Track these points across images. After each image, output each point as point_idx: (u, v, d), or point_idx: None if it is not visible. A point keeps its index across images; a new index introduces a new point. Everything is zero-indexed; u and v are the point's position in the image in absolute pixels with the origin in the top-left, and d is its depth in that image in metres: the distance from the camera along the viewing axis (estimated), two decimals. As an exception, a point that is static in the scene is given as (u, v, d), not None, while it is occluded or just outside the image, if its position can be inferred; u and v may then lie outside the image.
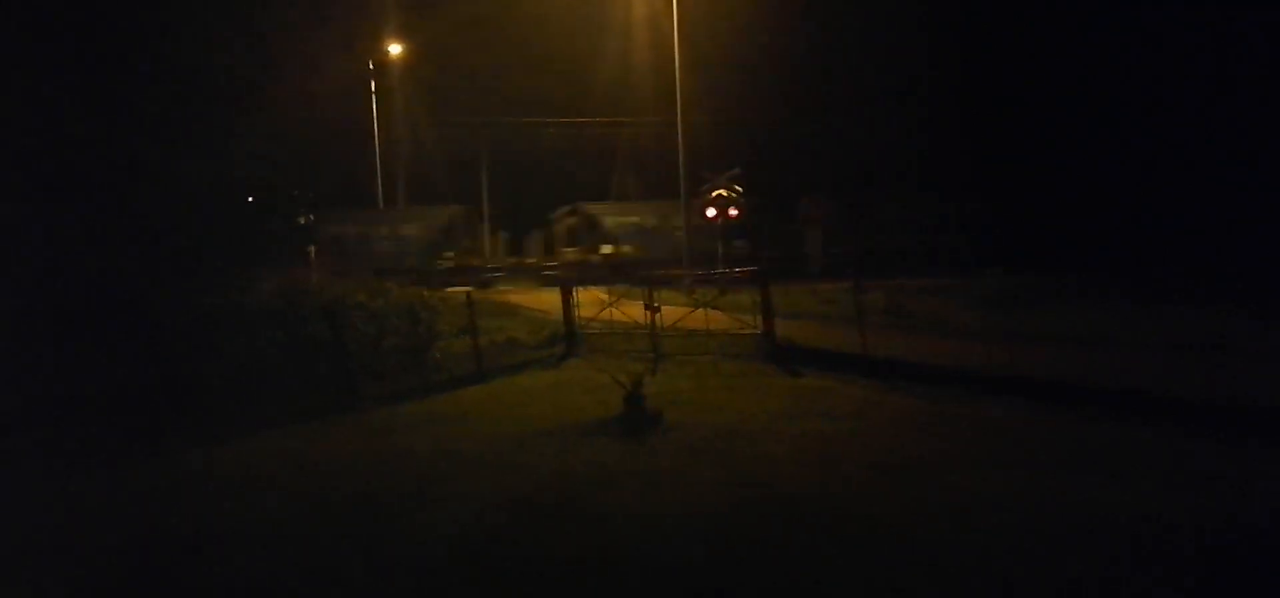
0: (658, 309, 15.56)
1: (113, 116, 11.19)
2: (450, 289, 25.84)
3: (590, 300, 17.61)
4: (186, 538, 6.60)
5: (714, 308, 16.55)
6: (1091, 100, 42.41)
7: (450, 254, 46.07)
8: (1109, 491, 6.76)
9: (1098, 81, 42.28)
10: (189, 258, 11.99)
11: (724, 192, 36.67)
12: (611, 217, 47.63)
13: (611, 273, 31.35)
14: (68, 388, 10.35)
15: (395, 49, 48.92)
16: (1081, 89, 43.15)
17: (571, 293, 16.98)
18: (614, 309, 17.20)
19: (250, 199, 14.40)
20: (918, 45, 48.33)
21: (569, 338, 16.38)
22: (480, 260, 47.50)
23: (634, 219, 46.85)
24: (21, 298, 10.43)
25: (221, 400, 10.84)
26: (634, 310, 16.61)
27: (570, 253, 46.52)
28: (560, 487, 7.47)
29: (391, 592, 5.45)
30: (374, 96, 48.43)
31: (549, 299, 22.26)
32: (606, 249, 45.08)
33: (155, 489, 8.11)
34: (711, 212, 35.97)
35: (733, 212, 36.39)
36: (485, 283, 39.39)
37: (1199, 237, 30.23)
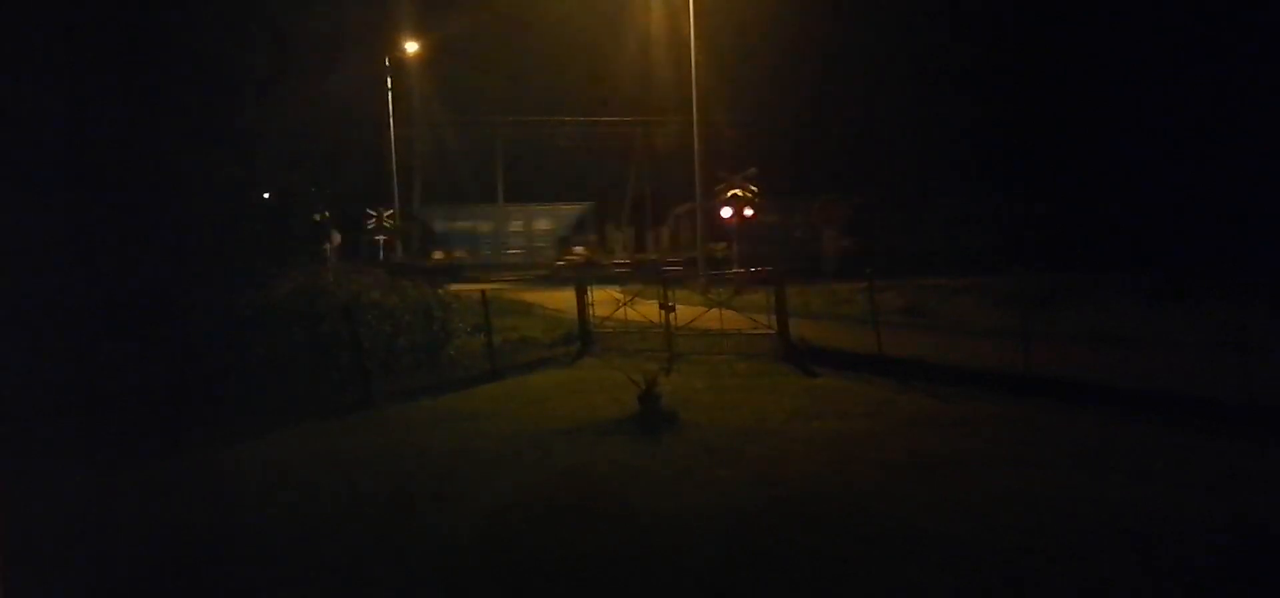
0: (673, 308, 15.54)
1: (137, 113, 11.26)
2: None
3: (605, 299, 17.60)
4: (209, 534, 6.64)
5: (729, 308, 16.51)
6: (1114, 97, 42.11)
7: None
8: (1130, 491, 6.72)
9: (1120, 78, 41.97)
10: (212, 256, 12.04)
11: (739, 191, 36.62)
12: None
13: None
14: (92, 384, 10.41)
15: (412, 47, 49.01)
16: (1104, 86, 42.86)
17: (586, 292, 16.98)
18: (629, 308, 17.19)
19: (266, 195, 14.45)
20: (936, 45, 48.18)
21: (583, 337, 16.38)
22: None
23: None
24: (47, 294, 10.49)
25: (242, 397, 10.89)
26: (648, 310, 16.59)
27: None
28: (578, 486, 7.47)
29: (414, 589, 5.45)
30: (390, 94, 48.58)
31: (563, 297, 22.27)
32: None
33: (177, 486, 8.16)
34: (726, 211, 35.92)
35: (748, 212, 36.33)
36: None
37: (1225, 234, 29.98)
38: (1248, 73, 36.38)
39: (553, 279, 38.68)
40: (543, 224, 47.56)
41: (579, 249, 45.63)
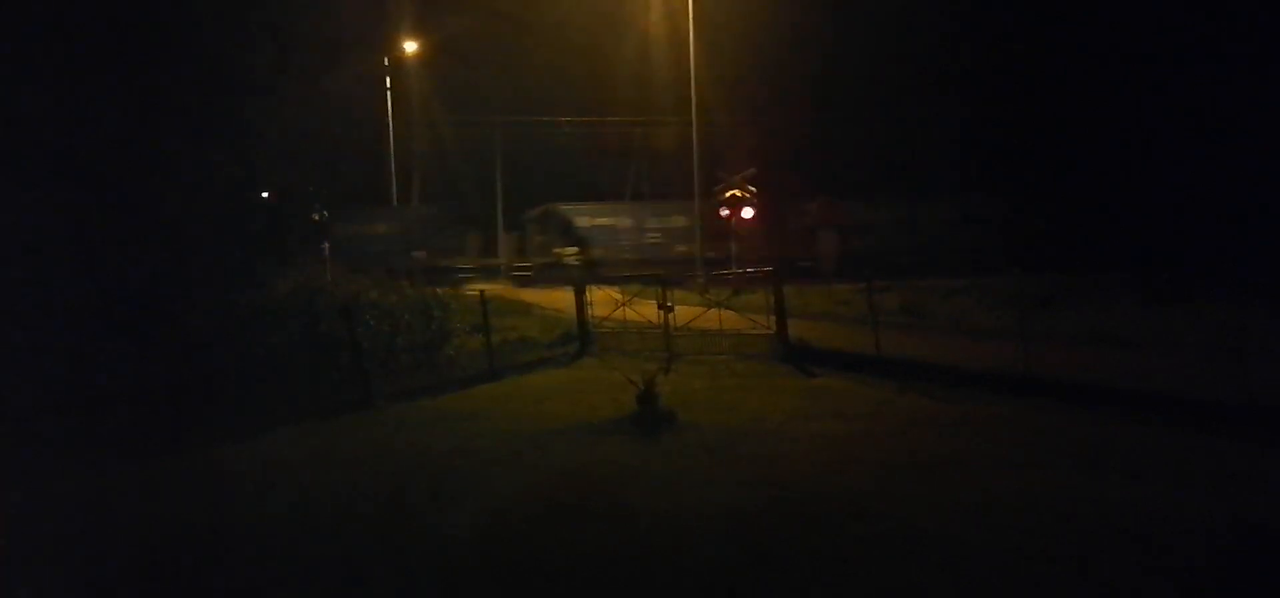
0: (671, 309, 15.55)
1: (137, 112, 11.25)
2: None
3: (604, 300, 17.60)
4: (207, 534, 6.64)
5: (727, 308, 16.51)
6: (1114, 98, 42.13)
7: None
8: (1129, 491, 6.73)
9: (1120, 79, 42.00)
10: (211, 254, 12.04)
11: (738, 192, 36.63)
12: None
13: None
14: (90, 382, 10.41)
15: (411, 46, 48.95)
16: (1103, 87, 42.89)
17: (584, 292, 16.99)
18: (627, 308, 17.19)
19: (265, 195, 14.44)
20: (934, 46, 48.18)
21: (582, 337, 16.38)
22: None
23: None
24: (45, 292, 10.49)
25: (240, 397, 10.88)
26: (647, 310, 16.60)
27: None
28: (577, 485, 7.47)
29: (413, 589, 5.45)
30: (389, 93, 48.55)
31: (562, 298, 22.27)
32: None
33: (175, 485, 8.15)
34: (725, 211, 35.93)
35: (747, 212, 36.34)
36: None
37: (1224, 235, 29.97)
38: (1246, 73, 36.39)
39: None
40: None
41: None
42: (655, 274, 20.31)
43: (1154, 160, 38.91)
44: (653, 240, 43.88)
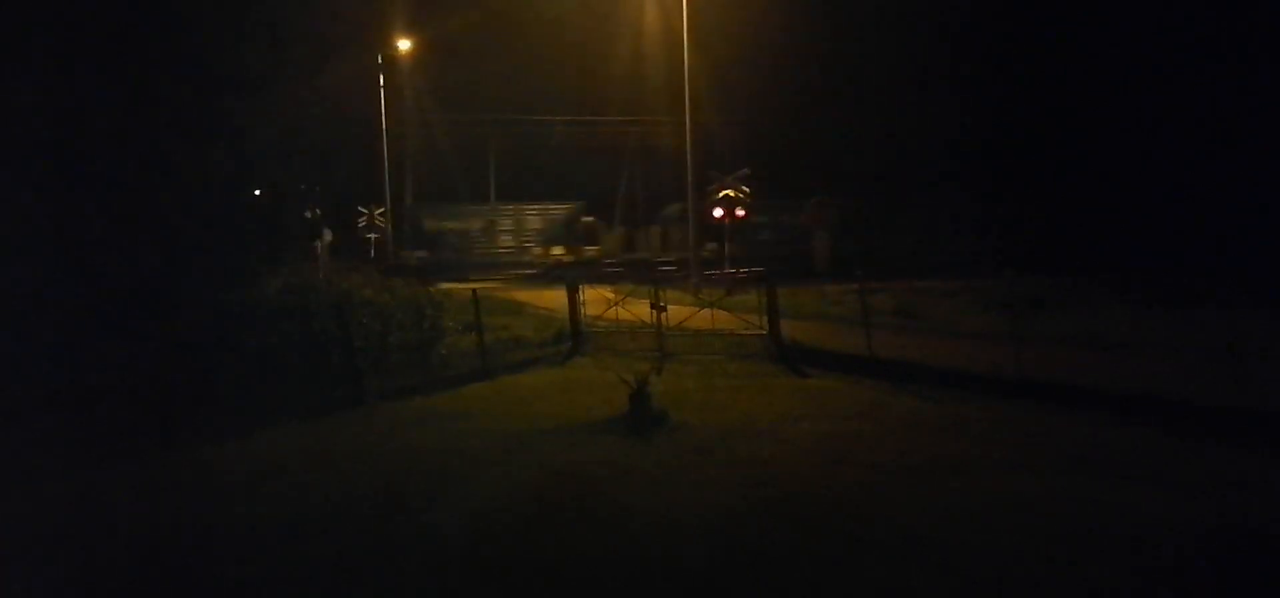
0: (664, 308, 15.54)
1: (129, 109, 11.22)
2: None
3: (596, 299, 17.59)
4: (199, 532, 6.63)
5: (720, 308, 16.51)
6: (1108, 102, 42.23)
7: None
8: (1122, 495, 6.74)
9: (1115, 82, 42.11)
10: (203, 252, 12.01)
11: (731, 192, 36.64)
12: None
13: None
14: (82, 379, 10.38)
15: (404, 45, 48.87)
16: (1098, 90, 42.99)
17: (577, 291, 16.97)
18: (619, 308, 17.18)
19: (258, 192, 14.41)
20: (928, 48, 48.27)
21: (575, 336, 16.36)
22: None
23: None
24: (37, 289, 10.46)
25: (233, 395, 10.85)
26: (640, 309, 16.59)
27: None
28: (568, 485, 7.47)
29: (404, 588, 5.44)
30: (382, 91, 48.43)
31: (555, 297, 22.25)
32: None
33: (167, 483, 8.14)
34: (718, 212, 35.93)
35: (739, 212, 36.35)
36: None
37: (1217, 239, 30.06)
38: (1241, 77, 36.51)
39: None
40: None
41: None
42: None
43: (1149, 164, 38.99)
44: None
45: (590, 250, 45.38)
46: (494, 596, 5.33)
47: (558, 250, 44.34)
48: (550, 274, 36.29)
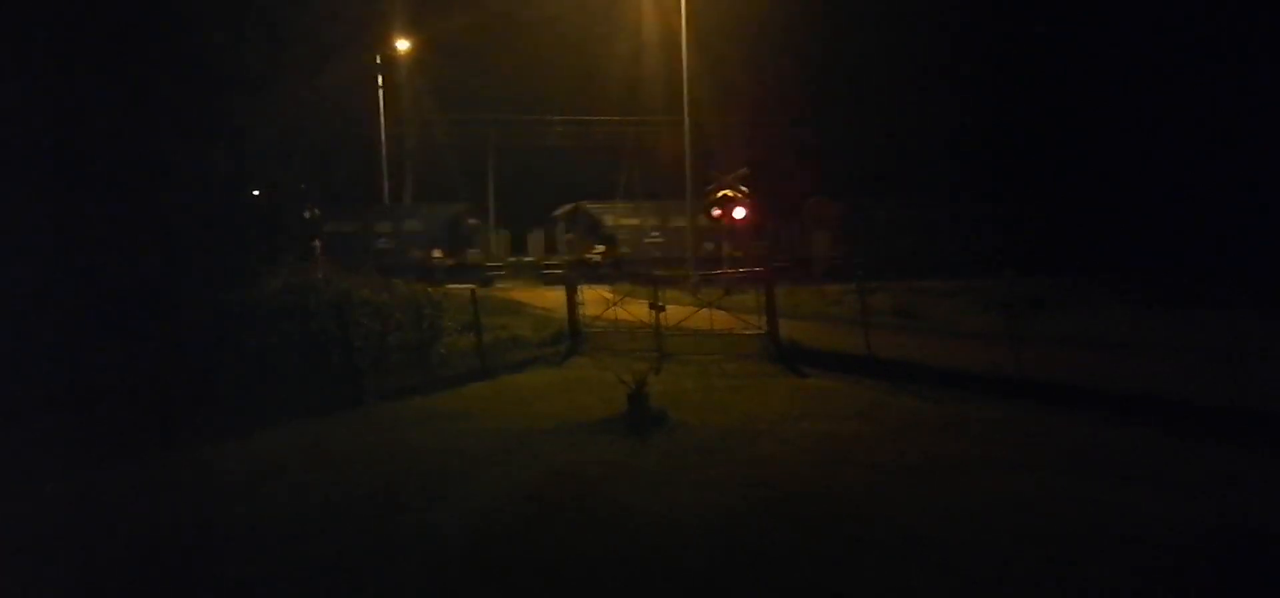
0: (662, 308, 15.54)
1: (128, 108, 11.22)
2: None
3: (595, 299, 17.59)
4: (199, 531, 6.63)
5: (719, 308, 16.51)
6: (1108, 103, 42.25)
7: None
8: (1121, 494, 6.75)
9: (1114, 83, 42.12)
10: (202, 251, 12.01)
11: (730, 192, 36.59)
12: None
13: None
14: (81, 379, 10.38)
15: (403, 45, 48.86)
16: (1097, 91, 43.01)
17: (576, 291, 16.97)
18: (618, 308, 17.18)
19: (256, 193, 14.40)
20: (928, 48, 48.27)
21: (573, 336, 16.36)
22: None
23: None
24: (36, 289, 10.46)
25: (232, 395, 10.86)
26: (638, 309, 16.59)
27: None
28: (567, 485, 7.47)
29: (403, 588, 5.45)
30: (381, 92, 48.42)
31: (553, 297, 22.26)
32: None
33: (167, 482, 8.14)
34: (716, 212, 35.89)
35: (738, 212, 36.31)
36: None
37: (1217, 239, 30.08)
38: (1240, 79, 36.53)
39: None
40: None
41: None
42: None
43: (1149, 164, 39.01)
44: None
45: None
46: (493, 596, 5.33)
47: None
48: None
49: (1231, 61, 37.26)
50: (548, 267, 42.54)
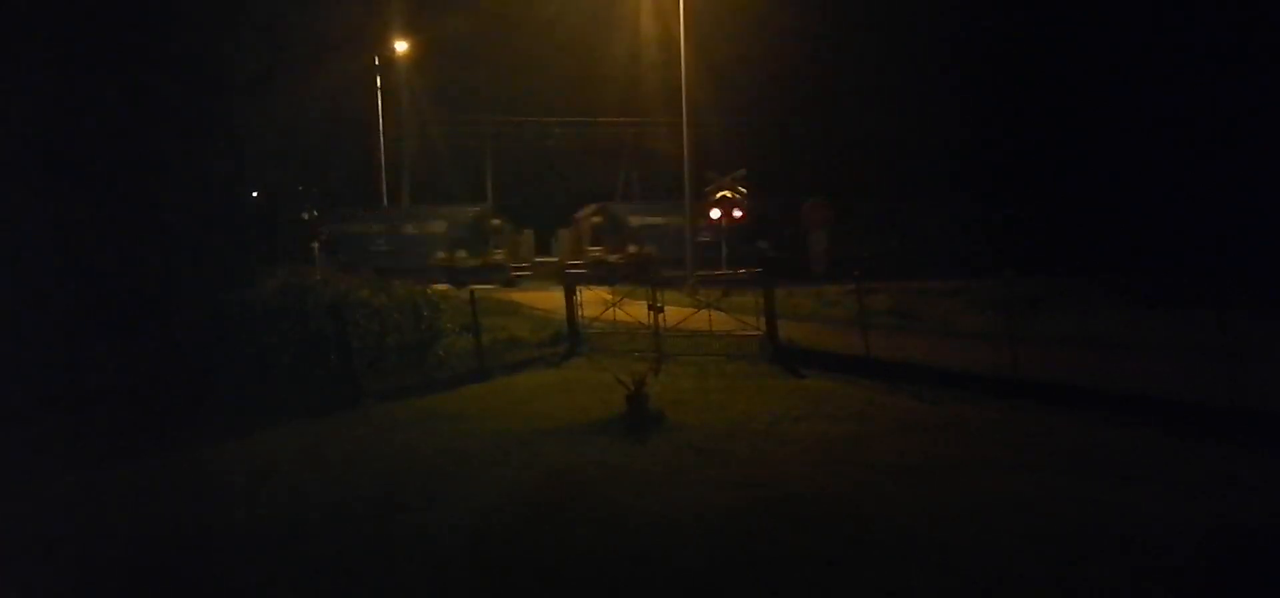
0: (661, 309, 15.53)
1: (125, 109, 11.21)
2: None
3: (593, 300, 17.58)
4: (195, 533, 6.62)
5: (717, 309, 16.50)
6: (1104, 102, 42.25)
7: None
8: (1118, 494, 6.74)
9: (1111, 83, 42.12)
10: (200, 253, 12.00)
11: (729, 193, 36.61)
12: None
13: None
14: (78, 380, 10.38)
15: (401, 46, 48.84)
16: (1094, 90, 43.00)
17: (574, 292, 16.96)
18: (617, 309, 17.17)
19: (255, 194, 14.40)
20: (926, 48, 48.25)
21: (572, 337, 16.35)
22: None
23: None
24: (33, 290, 10.45)
25: (229, 395, 10.85)
26: (637, 311, 16.58)
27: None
28: (565, 485, 7.46)
29: (401, 589, 5.44)
30: (380, 93, 48.45)
31: (552, 298, 22.25)
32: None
33: (164, 484, 8.12)
34: (715, 212, 35.91)
35: (737, 213, 36.33)
36: None
37: (1216, 239, 30.06)
38: (1237, 78, 36.54)
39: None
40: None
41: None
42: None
43: (1148, 164, 39.00)
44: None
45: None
46: (492, 597, 5.32)
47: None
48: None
49: (1231, 61, 37.28)
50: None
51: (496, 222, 46.31)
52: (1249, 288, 19.41)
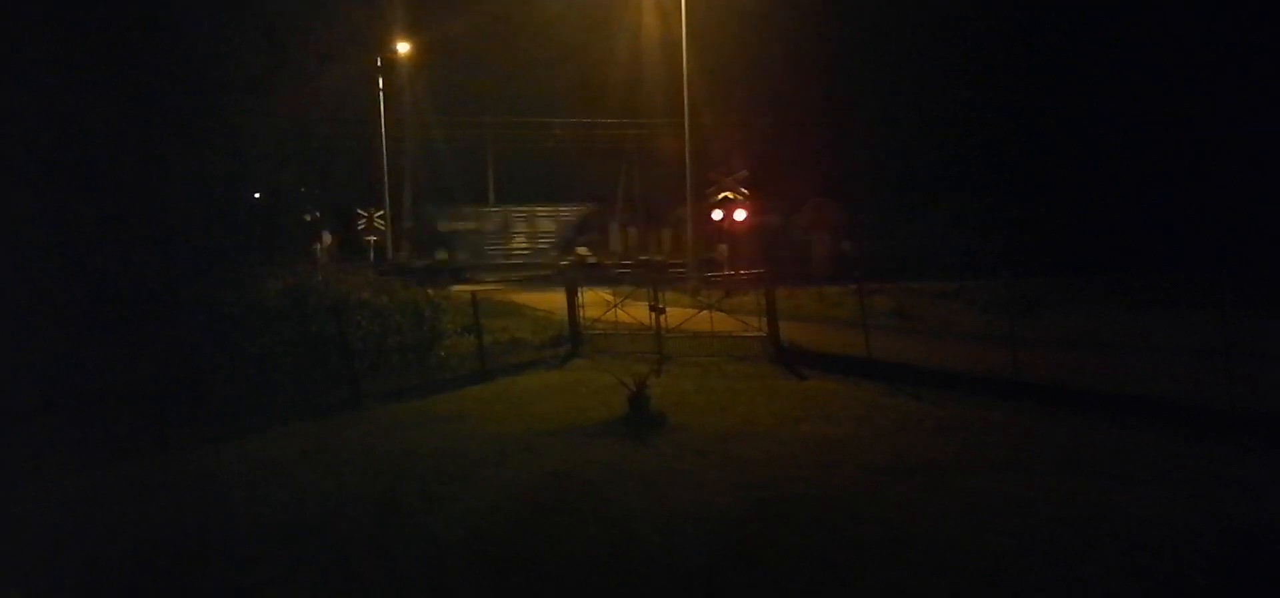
0: (663, 310, 15.53)
1: (127, 110, 11.22)
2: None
3: (595, 301, 17.59)
4: (197, 533, 6.63)
5: (719, 310, 16.50)
6: (1104, 103, 42.22)
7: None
8: (1117, 495, 6.74)
9: (1110, 85, 42.09)
10: (201, 253, 12.01)
11: (730, 194, 36.60)
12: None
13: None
14: (80, 380, 10.38)
15: (403, 47, 48.84)
16: (1093, 92, 42.97)
17: (576, 293, 16.96)
18: (619, 310, 17.18)
19: (256, 195, 14.41)
20: (926, 49, 48.23)
21: (573, 338, 16.36)
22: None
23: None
24: (37, 291, 10.46)
25: (231, 396, 10.86)
26: (639, 312, 16.58)
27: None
28: (566, 487, 7.47)
29: (402, 589, 5.44)
30: (381, 94, 48.44)
31: (554, 299, 22.25)
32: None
33: (165, 484, 8.14)
34: (717, 213, 35.90)
35: (739, 214, 36.32)
36: None
37: (1215, 239, 30.05)
38: (1235, 79, 36.54)
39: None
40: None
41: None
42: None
43: (1147, 164, 38.98)
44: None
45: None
46: (492, 597, 5.33)
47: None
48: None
49: (1230, 61, 37.27)
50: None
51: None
52: (1249, 288, 19.40)
